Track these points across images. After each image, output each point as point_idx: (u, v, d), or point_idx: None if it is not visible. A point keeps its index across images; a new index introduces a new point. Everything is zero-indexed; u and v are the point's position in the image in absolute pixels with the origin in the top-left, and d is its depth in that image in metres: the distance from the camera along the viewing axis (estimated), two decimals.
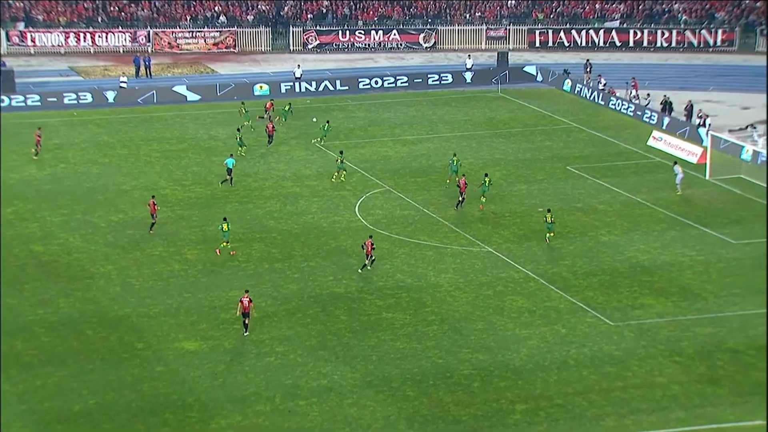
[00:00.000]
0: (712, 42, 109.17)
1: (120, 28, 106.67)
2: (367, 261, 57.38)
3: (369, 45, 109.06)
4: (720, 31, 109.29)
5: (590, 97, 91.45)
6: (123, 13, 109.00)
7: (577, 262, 59.19)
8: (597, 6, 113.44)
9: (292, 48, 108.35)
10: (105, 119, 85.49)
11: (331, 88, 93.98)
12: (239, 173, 70.84)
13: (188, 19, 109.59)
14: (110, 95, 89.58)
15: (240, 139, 76.49)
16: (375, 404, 45.18)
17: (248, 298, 50.55)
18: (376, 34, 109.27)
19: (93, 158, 75.99)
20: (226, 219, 60.07)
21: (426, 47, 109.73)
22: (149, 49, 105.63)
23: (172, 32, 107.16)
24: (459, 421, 44.11)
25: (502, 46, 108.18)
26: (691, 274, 57.90)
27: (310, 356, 48.90)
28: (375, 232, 61.36)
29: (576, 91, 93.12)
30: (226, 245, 59.49)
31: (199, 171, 73.38)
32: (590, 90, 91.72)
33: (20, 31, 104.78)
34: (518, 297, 55.01)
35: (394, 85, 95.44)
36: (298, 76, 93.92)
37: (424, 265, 58.67)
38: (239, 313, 50.81)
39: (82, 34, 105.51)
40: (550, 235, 61.37)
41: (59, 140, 78.94)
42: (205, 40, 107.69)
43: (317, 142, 78.78)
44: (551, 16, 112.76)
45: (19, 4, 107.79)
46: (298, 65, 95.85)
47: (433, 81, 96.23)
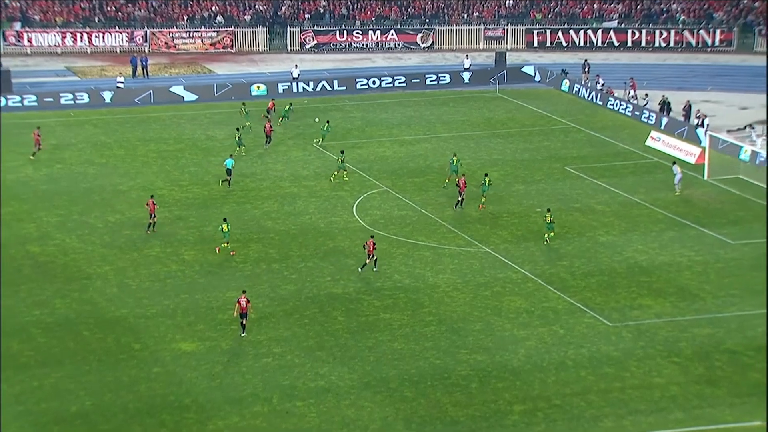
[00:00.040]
0: (710, 42, 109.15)
1: (117, 28, 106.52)
2: (368, 260, 57.24)
3: (366, 45, 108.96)
4: (718, 31, 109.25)
5: (588, 97, 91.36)
6: (120, 13, 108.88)
7: (575, 262, 59.10)
8: (595, 6, 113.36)
9: (289, 48, 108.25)
10: (102, 119, 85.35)
11: (329, 89, 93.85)
12: (237, 173, 70.68)
13: (185, 19, 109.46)
14: (107, 95, 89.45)
15: (239, 139, 76.38)
16: (373, 405, 45.08)
17: (245, 299, 50.44)
18: (374, 34, 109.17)
19: (90, 159, 75.87)
20: (226, 220, 59.92)
21: (424, 47, 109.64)
22: (146, 49, 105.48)
23: (169, 32, 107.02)
24: (457, 422, 44.02)
25: (500, 46, 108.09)
26: (690, 274, 57.82)
27: (308, 357, 48.80)
28: (373, 233, 61.19)
29: (574, 92, 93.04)
30: (227, 246, 59.36)
31: (197, 171, 73.26)
32: (588, 90, 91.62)
33: (17, 31, 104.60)
34: (516, 297, 54.91)
35: (391, 85, 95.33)
36: (295, 76, 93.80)
37: (422, 265, 58.56)
38: (236, 314, 50.70)
39: (78, 34, 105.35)
40: (550, 235, 61.24)
41: (56, 141, 78.78)
42: (203, 40, 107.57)
43: (318, 142, 78.66)
44: (549, 16, 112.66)
45: (16, 4, 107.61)
46: (296, 65, 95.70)
47: (431, 81, 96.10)
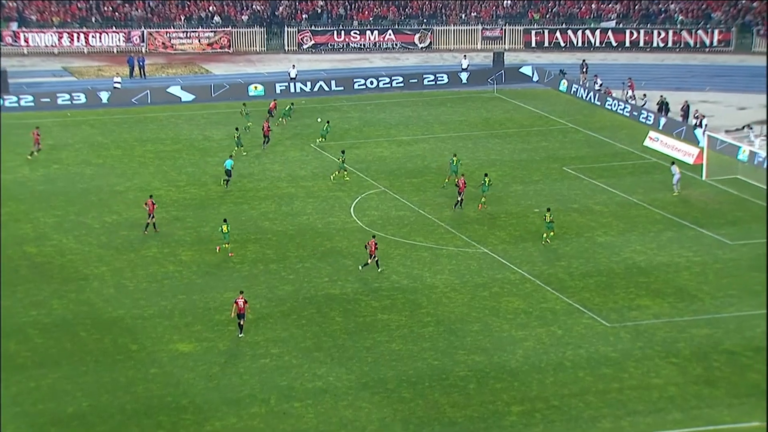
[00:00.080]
0: (708, 42, 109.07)
1: (114, 28, 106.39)
2: (370, 261, 57.13)
3: (364, 45, 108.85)
4: (716, 32, 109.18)
5: (586, 97, 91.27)
6: (117, 13, 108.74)
7: (573, 263, 59.01)
8: (593, 6, 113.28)
9: (287, 48, 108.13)
10: (99, 120, 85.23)
11: (326, 89, 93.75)
12: (234, 174, 70.43)
13: (182, 19, 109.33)
14: (104, 96, 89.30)
15: (238, 139, 76.28)
16: (370, 406, 44.99)
17: (243, 299, 50.35)
18: (372, 34, 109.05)
19: (87, 159, 75.74)
20: (226, 220, 59.79)
21: (421, 47, 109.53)
22: (143, 49, 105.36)
23: (167, 32, 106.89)
24: (455, 423, 43.93)
25: (497, 47, 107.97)
26: (688, 275, 57.74)
27: (305, 358, 48.70)
28: (371, 234, 61.10)
29: (572, 92, 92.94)
30: (227, 246, 59.22)
31: (194, 172, 73.14)
32: (586, 90, 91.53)
33: (13, 32, 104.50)
34: (514, 298, 54.82)
35: (389, 85, 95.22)
36: (293, 76, 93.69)
37: (420, 266, 58.46)
38: (234, 315, 50.61)
39: (75, 34, 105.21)
40: (550, 234, 61.13)
41: (53, 141, 78.63)
42: (200, 41, 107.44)
43: (321, 142, 78.56)
44: (547, 16, 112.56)
45: (12, 4, 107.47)
46: (293, 65, 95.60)
47: (429, 81, 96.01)
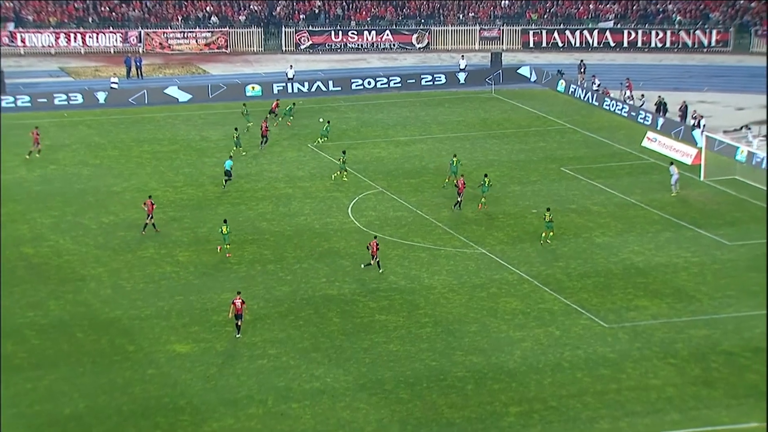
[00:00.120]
0: (706, 42, 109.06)
1: (111, 29, 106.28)
2: (373, 261, 57.02)
3: (362, 45, 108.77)
4: (714, 32, 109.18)
5: (584, 97, 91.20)
6: (114, 14, 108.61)
7: (571, 263, 58.92)
8: (591, 6, 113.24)
9: (284, 48, 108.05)
10: (96, 120, 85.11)
11: (324, 89, 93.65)
12: (233, 174, 70.37)
13: (180, 19, 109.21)
14: (101, 96, 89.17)
15: (237, 139, 76.16)
16: (368, 407, 44.89)
17: (241, 300, 50.26)
18: (369, 34, 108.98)
19: (84, 160, 75.62)
20: (226, 221, 59.67)
21: (419, 48, 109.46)
22: (140, 49, 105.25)
23: (164, 32, 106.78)
24: (452, 424, 43.83)
25: (495, 47, 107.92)
26: (686, 275, 57.66)
27: (303, 359, 48.59)
28: (368, 234, 61.03)
29: (570, 92, 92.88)
30: (228, 246, 59.10)
31: (191, 172, 73.02)
32: (584, 91, 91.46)
33: (10, 32, 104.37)
34: (512, 299, 54.73)
35: (387, 85, 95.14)
36: (290, 76, 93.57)
37: (418, 266, 58.36)
38: (231, 315, 50.50)
39: (72, 35, 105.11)
40: (550, 234, 61.03)
41: (50, 141, 78.47)
42: (197, 41, 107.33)
43: (323, 142, 78.47)
44: (545, 17, 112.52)
45: (9, 4, 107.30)
46: (291, 66, 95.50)
47: (426, 82, 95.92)
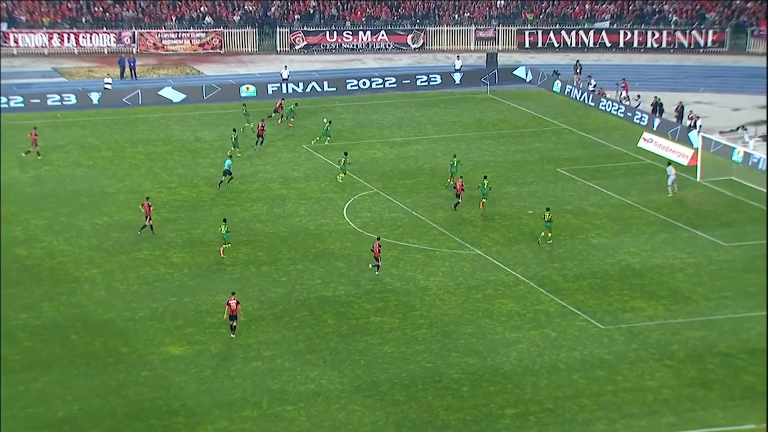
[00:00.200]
0: (702, 43, 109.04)
1: (104, 29, 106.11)
2: (379, 263, 56.88)
3: (357, 46, 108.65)
4: (710, 32, 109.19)
5: (580, 98, 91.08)
6: (107, 14, 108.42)
7: (567, 264, 58.77)
8: (587, 6, 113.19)
9: (279, 49, 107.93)
10: (89, 121, 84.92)
11: (319, 90, 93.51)
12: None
13: (174, 19, 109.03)
14: (95, 97, 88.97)
15: (235, 140, 75.97)
16: (363, 409, 44.73)
17: (236, 301, 50.08)
18: (364, 34, 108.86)
19: (77, 160, 75.41)
20: (225, 221, 59.51)
21: (414, 48, 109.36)
22: (134, 50, 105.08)
23: (158, 33, 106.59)
24: (448, 426, 43.68)
25: (491, 47, 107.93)
26: (682, 276, 57.53)
27: (298, 361, 48.41)
28: (364, 235, 60.92)
29: (566, 93, 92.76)
30: (228, 246, 58.94)
31: (185, 173, 72.83)
32: (580, 91, 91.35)
33: (3, 32, 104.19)
34: (508, 300, 54.56)
35: (382, 86, 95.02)
36: (285, 77, 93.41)
37: (413, 268, 58.19)
38: (226, 317, 50.31)
39: (65, 35, 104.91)
40: (548, 234, 60.87)
41: (43, 142, 78.13)
42: (191, 41, 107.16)
43: (327, 142, 78.29)
44: (541, 17, 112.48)
45: (2, 4, 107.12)
46: (285, 66, 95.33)
47: (422, 82, 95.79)
